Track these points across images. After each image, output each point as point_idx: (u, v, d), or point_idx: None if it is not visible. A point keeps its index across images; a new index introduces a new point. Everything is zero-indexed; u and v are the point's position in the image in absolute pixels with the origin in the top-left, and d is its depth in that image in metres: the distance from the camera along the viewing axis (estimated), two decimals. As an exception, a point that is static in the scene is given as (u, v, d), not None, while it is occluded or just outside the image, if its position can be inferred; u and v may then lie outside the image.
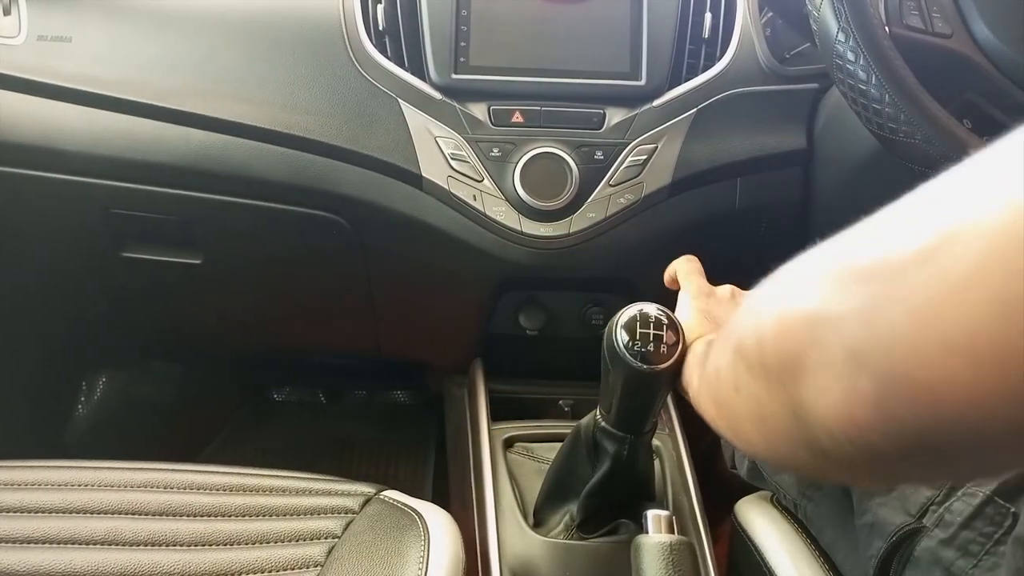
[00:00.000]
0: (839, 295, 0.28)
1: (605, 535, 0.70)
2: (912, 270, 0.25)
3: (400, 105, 0.83)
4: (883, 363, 0.25)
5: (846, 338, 0.27)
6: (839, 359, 0.27)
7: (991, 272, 0.23)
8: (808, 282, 0.30)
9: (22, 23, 0.84)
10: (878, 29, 0.61)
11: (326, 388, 1.43)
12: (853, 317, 0.27)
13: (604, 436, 0.64)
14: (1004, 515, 0.53)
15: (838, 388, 0.27)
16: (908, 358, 0.25)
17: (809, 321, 0.29)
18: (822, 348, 0.28)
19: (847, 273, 0.28)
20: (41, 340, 1.15)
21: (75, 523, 0.65)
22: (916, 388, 0.25)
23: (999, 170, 0.24)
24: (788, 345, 0.30)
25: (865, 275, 0.27)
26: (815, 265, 0.31)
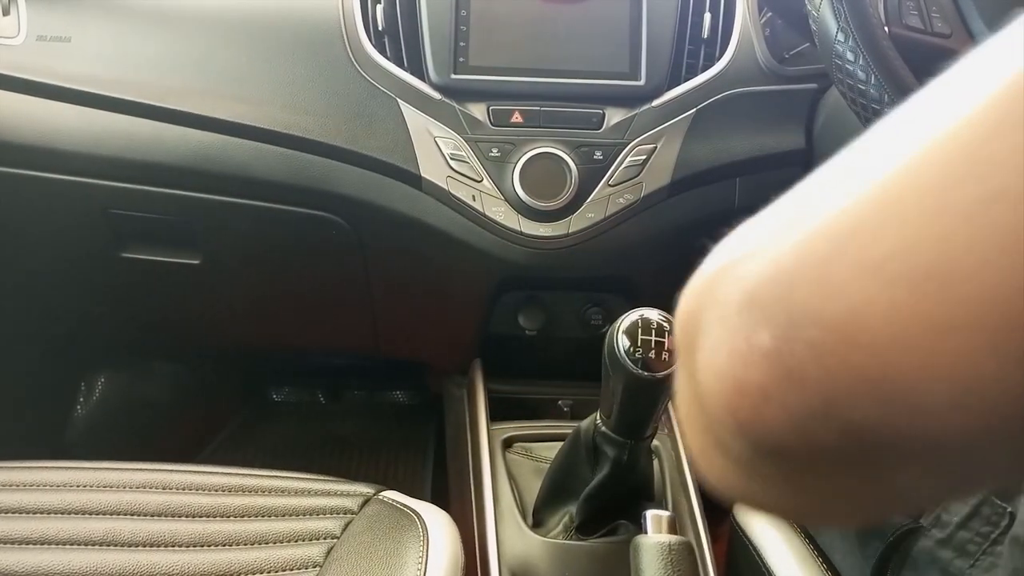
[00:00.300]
0: (744, 238, 0.23)
1: (604, 536, 0.70)
2: (833, 194, 0.20)
3: (399, 105, 0.83)
4: (783, 303, 0.20)
5: (743, 283, 0.21)
6: (733, 308, 0.21)
7: (924, 165, 0.18)
8: (726, 245, 0.24)
9: (21, 23, 0.84)
10: (877, 29, 0.61)
11: (325, 388, 1.43)
12: (754, 259, 0.21)
13: (604, 441, 0.64)
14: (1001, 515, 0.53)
15: (727, 343, 0.21)
16: (814, 288, 0.19)
17: (711, 278, 0.23)
18: (717, 300, 0.22)
19: (758, 217, 0.23)
20: (40, 340, 1.15)
21: (74, 524, 0.64)
22: (822, 326, 0.19)
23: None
24: (690, 306, 0.24)
25: (771, 212, 0.22)
26: (746, 226, 0.25)
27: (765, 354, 0.20)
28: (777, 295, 0.20)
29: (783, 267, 0.20)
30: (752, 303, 0.21)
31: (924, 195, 0.18)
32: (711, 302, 0.22)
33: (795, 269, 0.20)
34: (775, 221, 0.22)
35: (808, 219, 0.20)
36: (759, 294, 0.20)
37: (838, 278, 0.19)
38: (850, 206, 0.19)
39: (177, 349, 1.27)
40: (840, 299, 0.18)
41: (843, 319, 0.18)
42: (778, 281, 0.20)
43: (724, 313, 0.21)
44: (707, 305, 0.23)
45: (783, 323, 0.20)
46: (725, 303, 0.22)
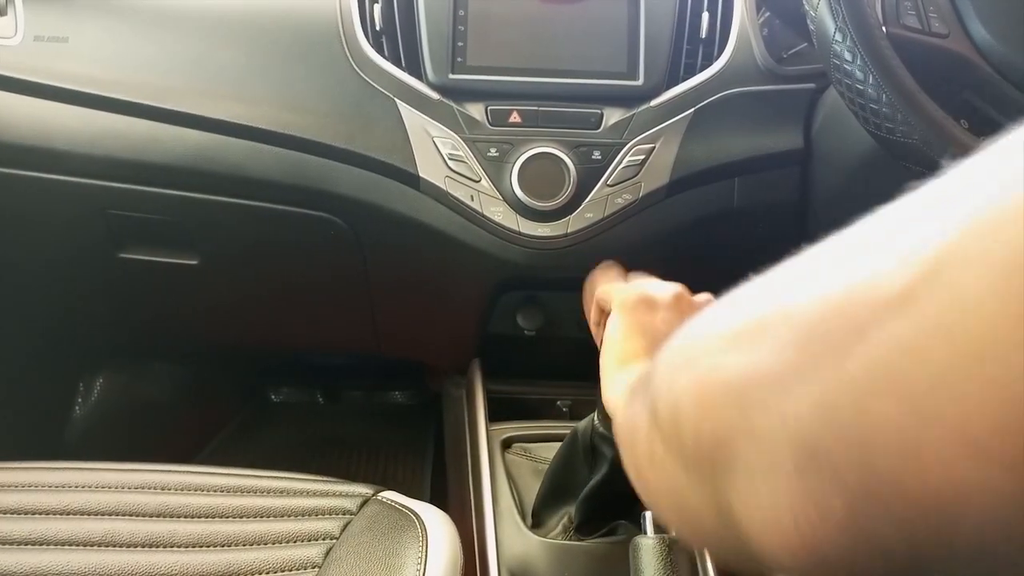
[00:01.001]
0: (775, 356, 0.19)
1: (603, 536, 0.70)
2: (894, 319, 0.17)
3: (397, 105, 0.83)
4: (859, 470, 0.17)
5: (795, 429, 0.19)
6: (787, 461, 0.19)
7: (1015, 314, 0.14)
8: (729, 334, 0.22)
9: (18, 23, 0.84)
10: (875, 29, 0.61)
11: (324, 388, 1.43)
12: (805, 402, 0.18)
13: (602, 441, 0.64)
14: None
15: (789, 505, 0.19)
16: (900, 461, 0.16)
17: (736, 392, 0.21)
18: (759, 439, 0.19)
19: (784, 324, 0.20)
20: (38, 341, 1.15)
21: (72, 524, 0.64)
22: (913, 504, 0.17)
23: (1001, 169, 0.17)
24: (709, 428, 0.22)
25: (813, 328, 0.19)
26: (739, 310, 0.23)
27: (841, 526, 0.18)
28: (850, 459, 0.17)
29: (854, 425, 0.17)
30: (816, 462, 0.18)
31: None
32: (746, 433, 0.20)
33: (873, 433, 0.17)
34: (824, 348, 0.18)
35: (871, 352, 0.17)
36: (823, 450, 0.18)
37: (931, 454, 0.16)
38: (933, 353, 0.16)
39: (175, 350, 1.27)
40: (935, 477, 0.16)
41: (939, 499, 0.16)
42: (848, 440, 0.17)
43: (773, 459, 0.19)
44: (740, 434, 0.20)
45: (862, 495, 0.17)
46: (772, 446, 0.19)
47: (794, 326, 0.20)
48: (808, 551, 0.19)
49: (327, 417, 1.40)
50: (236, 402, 1.40)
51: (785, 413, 0.19)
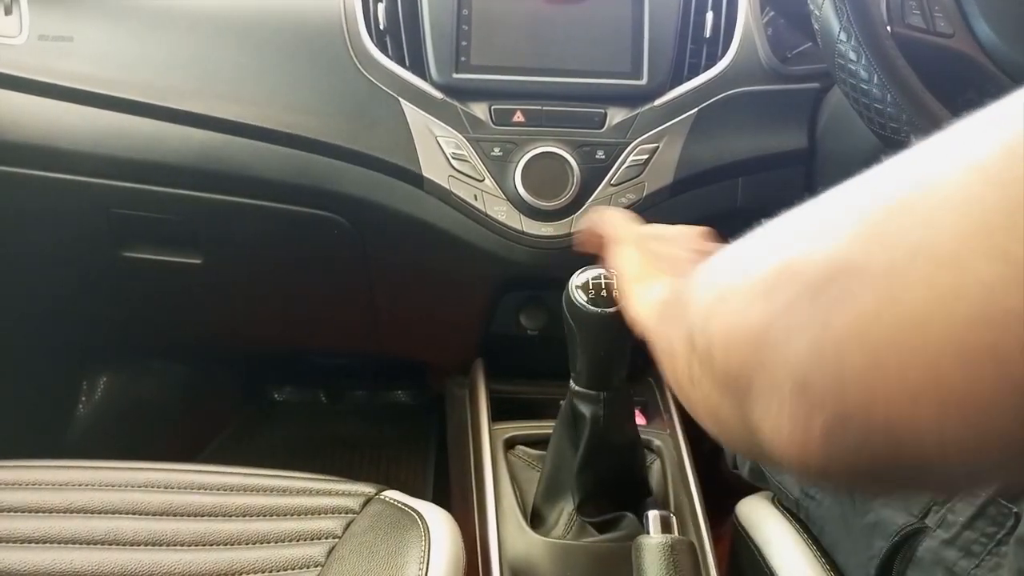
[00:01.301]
0: (785, 310, 0.25)
1: (606, 525, 0.70)
2: (865, 291, 0.22)
3: (401, 104, 0.83)
4: (834, 399, 0.23)
5: (793, 365, 0.25)
6: (787, 388, 0.25)
7: (951, 306, 0.20)
8: (754, 286, 0.27)
9: (23, 23, 0.84)
10: (880, 28, 0.61)
11: (327, 388, 1.43)
12: (800, 341, 0.24)
13: (580, 400, 0.66)
14: (1007, 515, 0.53)
15: (787, 419, 0.25)
16: (863, 396, 0.23)
17: (754, 338, 0.27)
18: (770, 372, 0.26)
19: (793, 283, 0.25)
20: (41, 340, 1.15)
21: (76, 523, 0.65)
22: (871, 428, 0.23)
23: (964, 144, 0.22)
24: (735, 361, 0.28)
25: (813, 289, 0.24)
26: (760, 262, 0.28)
27: (822, 438, 0.24)
28: (829, 390, 0.24)
29: (833, 366, 0.23)
30: (806, 391, 0.24)
31: (950, 334, 0.20)
32: (761, 367, 0.26)
33: (845, 373, 0.23)
34: (816, 305, 0.24)
35: (848, 313, 0.23)
36: (812, 385, 0.24)
37: (882, 393, 0.22)
38: (886, 320, 0.22)
39: (178, 348, 1.27)
40: (884, 411, 0.22)
41: (888, 427, 0.22)
42: (829, 377, 0.23)
43: (778, 388, 0.25)
44: (757, 367, 0.26)
45: (836, 417, 0.24)
46: (778, 377, 0.25)
47: (800, 285, 0.25)
48: (799, 454, 0.25)
49: (330, 416, 1.40)
50: (239, 401, 1.40)
51: (787, 354, 0.25)
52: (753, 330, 0.27)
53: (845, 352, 0.23)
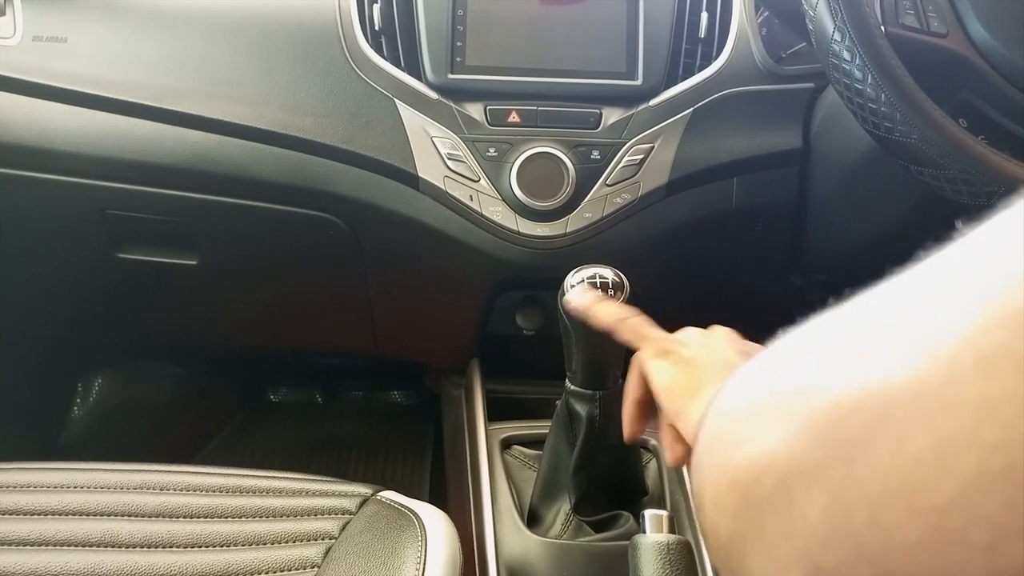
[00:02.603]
0: (793, 445, 0.19)
1: (603, 524, 0.70)
2: (905, 419, 0.16)
3: (396, 105, 0.83)
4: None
5: (804, 533, 0.18)
6: (795, 571, 0.19)
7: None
8: (755, 415, 0.21)
9: (17, 23, 0.84)
10: (874, 28, 0.61)
11: (323, 388, 1.43)
12: (815, 497, 0.18)
13: (575, 399, 0.66)
14: None
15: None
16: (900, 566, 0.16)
17: (748, 492, 0.20)
18: (769, 545, 0.19)
19: (807, 407, 0.19)
20: (37, 341, 1.14)
21: (71, 525, 0.64)
22: None
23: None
24: (726, 525, 0.21)
25: (831, 420, 0.18)
26: (767, 384, 0.22)
27: None
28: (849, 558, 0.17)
29: (860, 536, 0.17)
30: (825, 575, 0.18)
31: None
32: (757, 537, 0.20)
33: (882, 549, 0.16)
34: (822, 423, 0.18)
35: (883, 457, 0.16)
36: (833, 564, 0.18)
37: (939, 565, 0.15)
38: (954, 469, 0.15)
39: (174, 349, 1.27)
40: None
41: None
42: (859, 555, 0.17)
43: (782, 570, 0.19)
44: (751, 538, 0.20)
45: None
46: (780, 554, 0.19)
47: (809, 413, 0.18)
48: None
49: (326, 417, 1.40)
50: (235, 402, 1.40)
51: (794, 516, 0.18)
52: (743, 480, 0.21)
53: (884, 518, 0.17)
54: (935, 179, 0.60)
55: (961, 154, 0.59)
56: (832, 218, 0.87)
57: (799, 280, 0.94)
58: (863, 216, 0.83)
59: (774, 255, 0.92)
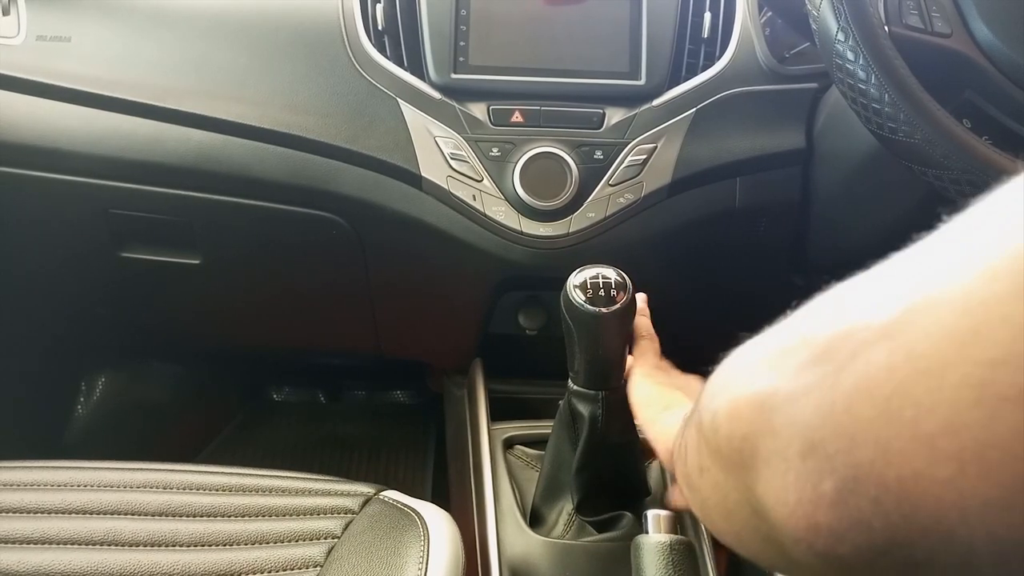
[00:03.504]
0: (793, 374, 0.25)
1: (605, 524, 0.70)
2: (875, 346, 0.22)
3: (399, 105, 0.83)
4: (845, 458, 0.22)
5: (801, 426, 0.23)
6: (794, 451, 0.24)
7: (969, 350, 0.19)
8: (762, 360, 0.27)
9: (21, 23, 0.84)
10: (877, 28, 0.61)
11: (325, 388, 1.43)
12: (809, 402, 0.23)
13: (578, 399, 0.66)
14: None
15: (793, 484, 0.24)
16: (875, 452, 0.21)
17: (760, 403, 0.26)
18: (776, 436, 0.25)
19: (803, 349, 0.25)
20: (40, 340, 1.15)
21: (74, 523, 0.64)
22: (884, 488, 0.21)
23: (975, 231, 0.21)
24: (740, 428, 0.27)
25: (822, 352, 0.24)
26: (772, 341, 0.28)
27: (832, 503, 0.23)
28: (839, 448, 0.22)
29: (843, 423, 0.22)
30: (815, 451, 0.23)
31: (969, 373, 0.19)
32: (767, 432, 0.25)
33: (855, 429, 0.22)
34: (824, 358, 0.24)
35: (858, 369, 0.22)
36: (821, 444, 0.23)
37: (895, 446, 0.21)
38: (899, 371, 0.21)
39: (177, 349, 1.27)
40: (896, 465, 0.21)
41: (900, 483, 0.21)
42: (839, 435, 0.22)
43: (785, 452, 0.24)
44: (762, 433, 0.25)
45: (847, 478, 0.22)
46: (785, 441, 0.24)
47: (808, 350, 0.24)
48: (806, 526, 0.24)
49: (329, 416, 1.40)
50: (237, 401, 1.40)
51: (795, 416, 0.24)
52: (758, 396, 0.26)
53: (855, 407, 0.22)
54: (938, 179, 0.60)
55: (965, 155, 0.59)
56: (835, 218, 0.86)
57: (802, 280, 0.94)
58: (866, 216, 0.83)
59: (777, 255, 0.92)
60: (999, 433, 0.19)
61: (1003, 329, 0.19)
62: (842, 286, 0.26)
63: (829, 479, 0.22)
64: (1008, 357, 0.19)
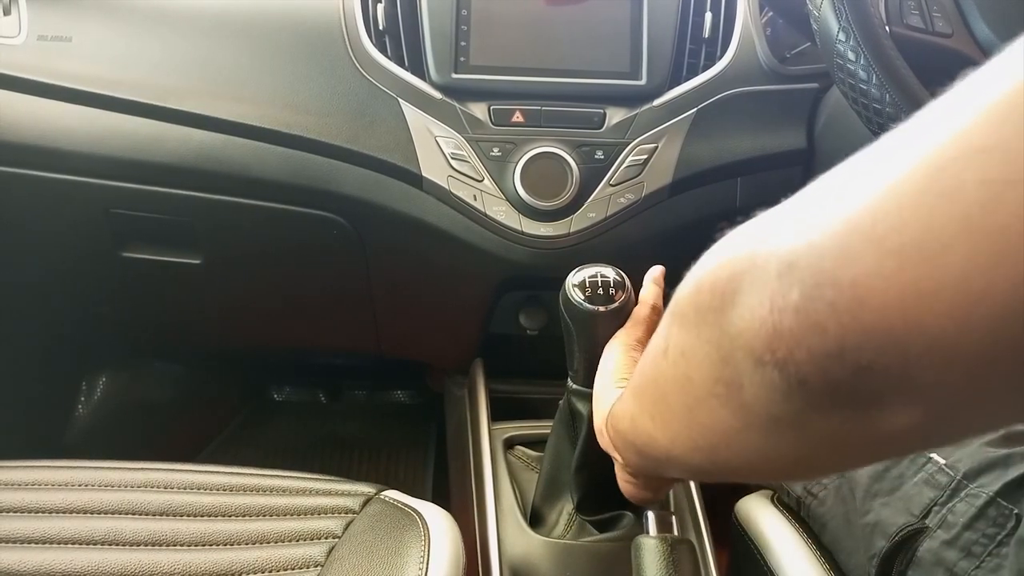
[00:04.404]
0: (777, 219, 0.27)
1: (605, 524, 0.70)
2: (852, 188, 0.24)
3: (400, 105, 0.83)
4: (811, 266, 0.24)
5: (782, 251, 0.26)
6: (772, 272, 0.26)
7: (920, 163, 0.22)
8: (751, 231, 0.29)
9: (22, 23, 0.84)
10: (879, 28, 0.61)
11: (326, 388, 1.43)
12: (791, 231, 0.26)
13: (577, 398, 0.66)
14: (1007, 516, 0.53)
15: (768, 299, 0.26)
16: (835, 257, 0.24)
17: (749, 248, 0.28)
18: (759, 268, 0.27)
19: (792, 206, 0.27)
20: (41, 340, 1.15)
21: (76, 523, 0.65)
22: (839, 289, 0.23)
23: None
24: (726, 273, 0.29)
25: (809, 202, 0.26)
26: (759, 221, 0.30)
27: (795, 308, 0.25)
28: (808, 263, 0.25)
29: (814, 240, 0.25)
30: (789, 268, 0.25)
31: (915, 182, 0.22)
32: (750, 267, 0.27)
33: (823, 242, 0.24)
34: (807, 205, 0.26)
35: (835, 202, 0.25)
36: (795, 262, 0.25)
37: (853, 249, 0.23)
38: (865, 192, 0.24)
39: (178, 349, 1.27)
40: (852, 266, 0.23)
41: (853, 283, 0.23)
42: (810, 252, 0.25)
43: (764, 277, 0.26)
44: (745, 270, 0.27)
45: (810, 284, 0.24)
46: (764, 268, 0.26)
47: (799, 201, 0.27)
48: (773, 332, 0.26)
49: (329, 416, 1.40)
50: (238, 401, 1.40)
51: (778, 243, 0.26)
52: (747, 244, 0.28)
53: (827, 227, 0.24)
54: (940, 179, 0.60)
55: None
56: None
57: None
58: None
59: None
60: (935, 227, 0.21)
61: (946, 140, 0.22)
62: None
63: (796, 288, 0.25)
64: (945, 162, 0.22)
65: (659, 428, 0.38)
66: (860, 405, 0.25)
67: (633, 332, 0.61)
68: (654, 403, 0.38)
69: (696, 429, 0.34)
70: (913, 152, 0.23)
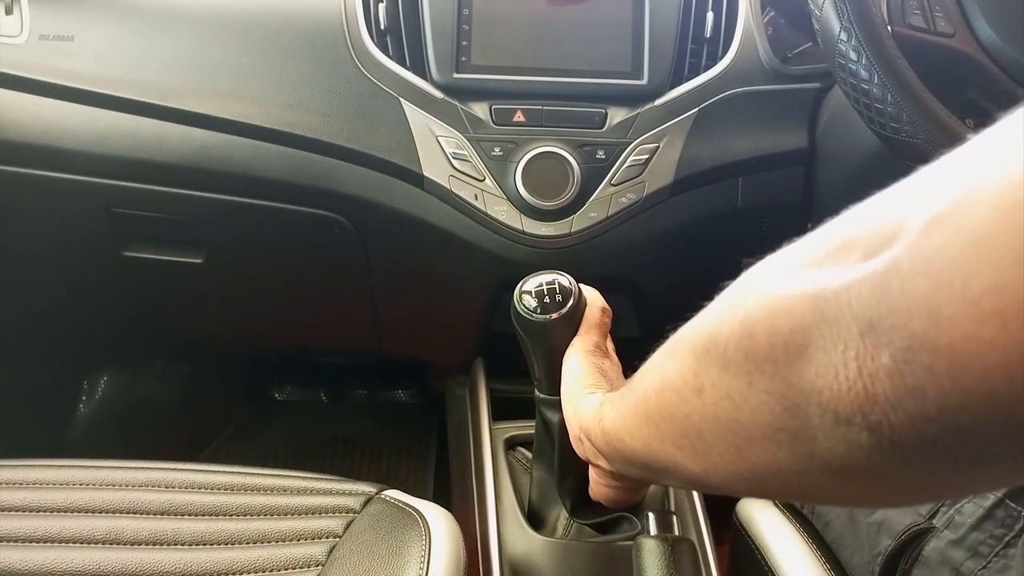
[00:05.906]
0: (846, 268, 0.26)
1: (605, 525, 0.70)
2: (927, 233, 0.23)
3: (402, 104, 0.83)
4: (901, 330, 0.23)
5: (859, 310, 0.25)
6: (854, 332, 0.25)
7: (1012, 222, 0.21)
8: (804, 263, 0.28)
9: (24, 22, 0.84)
10: (880, 28, 0.61)
11: (328, 387, 1.43)
12: (866, 287, 0.25)
13: (545, 407, 0.65)
14: (1015, 518, 0.53)
15: (854, 362, 0.25)
16: (928, 321, 0.23)
17: (813, 295, 0.27)
18: (832, 324, 0.26)
19: (857, 245, 0.26)
20: (43, 339, 1.15)
21: (77, 522, 0.65)
22: (937, 353, 0.22)
23: (1008, 137, 0.23)
24: (786, 323, 0.28)
25: (876, 245, 0.25)
26: (809, 247, 0.29)
27: (888, 372, 0.24)
28: (894, 323, 0.24)
29: (898, 300, 0.24)
30: (873, 329, 0.24)
31: (1012, 238, 0.21)
32: (819, 321, 0.26)
33: (908, 302, 0.23)
34: (880, 259, 0.25)
35: (905, 249, 0.24)
36: (879, 321, 0.24)
37: (946, 313, 0.22)
38: (944, 245, 0.23)
39: (180, 348, 1.27)
40: (948, 331, 0.22)
41: (950, 346, 0.22)
42: (895, 311, 0.24)
43: (843, 335, 0.25)
44: (815, 323, 0.26)
45: (903, 348, 0.23)
46: (839, 324, 0.25)
47: (857, 246, 0.26)
48: (865, 396, 0.25)
49: (330, 416, 1.41)
50: (239, 400, 1.40)
51: (851, 301, 0.25)
52: (810, 291, 0.27)
53: (910, 285, 0.23)
54: (941, 179, 0.60)
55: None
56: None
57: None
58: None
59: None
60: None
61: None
62: (876, 196, 0.28)
63: (886, 350, 0.24)
64: None
65: (690, 458, 0.37)
66: (955, 461, 0.25)
67: (589, 338, 0.61)
68: (684, 435, 0.37)
69: (743, 465, 0.33)
70: (996, 202, 0.22)
